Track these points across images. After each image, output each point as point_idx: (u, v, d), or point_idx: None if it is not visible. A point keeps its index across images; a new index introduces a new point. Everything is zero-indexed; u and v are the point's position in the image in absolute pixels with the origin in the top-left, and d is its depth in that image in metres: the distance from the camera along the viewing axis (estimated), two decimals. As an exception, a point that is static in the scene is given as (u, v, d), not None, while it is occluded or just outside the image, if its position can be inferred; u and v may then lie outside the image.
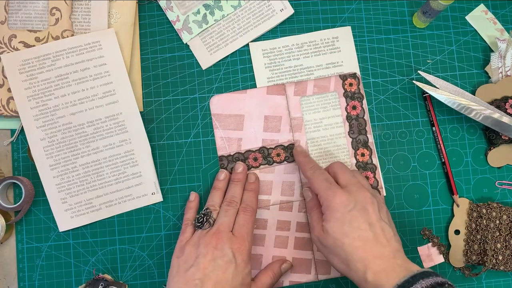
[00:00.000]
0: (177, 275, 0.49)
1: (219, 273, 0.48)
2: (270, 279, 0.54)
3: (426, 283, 0.42)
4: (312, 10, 0.62)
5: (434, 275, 0.44)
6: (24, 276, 0.57)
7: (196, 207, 0.57)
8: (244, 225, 0.52)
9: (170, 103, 0.60)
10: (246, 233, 0.52)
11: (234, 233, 0.52)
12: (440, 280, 0.43)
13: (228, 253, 0.49)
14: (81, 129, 0.58)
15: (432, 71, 0.62)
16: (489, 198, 0.60)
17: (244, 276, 0.50)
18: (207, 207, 0.54)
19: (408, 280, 0.43)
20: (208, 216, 0.53)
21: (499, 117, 0.57)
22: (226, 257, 0.49)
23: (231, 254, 0.49)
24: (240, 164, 0.58)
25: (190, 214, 0.56)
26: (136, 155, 0.58)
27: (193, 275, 0.48)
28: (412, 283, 0.43)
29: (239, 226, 0.52)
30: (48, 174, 0.57)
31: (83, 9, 0.59)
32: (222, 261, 0.49)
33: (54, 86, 0.58)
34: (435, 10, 0.57)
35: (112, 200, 0.58)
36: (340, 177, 0.52)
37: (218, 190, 0.57)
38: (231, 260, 0.49)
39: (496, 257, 0.57)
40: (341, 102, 0.60)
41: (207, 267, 0.48)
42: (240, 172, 0.58)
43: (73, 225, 0.58)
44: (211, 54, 0.61)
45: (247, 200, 0.55)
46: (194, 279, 0.48)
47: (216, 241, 0.50)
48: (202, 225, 0.52)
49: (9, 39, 0.58)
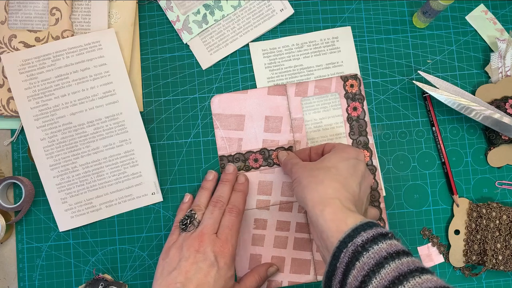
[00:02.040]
0: (161, 278, 0.49)
1: (201, 276, 0.48)
2: (256, 282, 0.54)
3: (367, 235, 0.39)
4: (312, 10, 0.62)
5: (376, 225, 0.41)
6: (24, 276, 0.57)
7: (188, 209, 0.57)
8: (228, 227, 0.52)
9: (170, 103, 0.60)
10: (230, 235, 0.52)
11: (218, 235, 0.51)
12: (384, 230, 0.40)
13: (210, 256, 0.49)
14: (81, 129, 0.58)
15: (432, 71, 0.62)
16: (489, 198, 0.60)
17: (226, 280, 0.50)
18: (192, 208, 0.54)
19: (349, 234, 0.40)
20: (192, 218, 0.53)
21: (499, 117, 0.57)
22: (208, 260, 0.49)
23: (213, 258, 0.49)
24: (231, 166, 0.58)
25: (180, 216, 0.56)
26: (136, 155, 0.58)
27: (175, 278, 0.48)
28: (353, 237, 0.40)
29: (223, 227, 0.52)
30: (48, 174, 0.57)
31: (83, 9, 0.59)
32: (204, 265, 0.49)
33: (54, 86, 0.58)
34: (435, 10, 0.57)
35: (112, 200, 0.58)
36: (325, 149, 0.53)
37: (206, 190, 0.56)
38: (213, 264, 0.49)
39: (496, 257, 0.57)
40: (342, 103, 0.60)
41: (189, 270, 0.48)
42: (230, 173, 0.57)
43: (73, 225, 0.58)
44: (211, 54, 0.61)
45: (234, 200, 0.55)
46: (176, 282, 0.48)
47: (199, 244, 0.50)
48: (186, 227, 0.52)
49: (9, 39, 0.58)
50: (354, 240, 0.39)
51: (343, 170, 0.47)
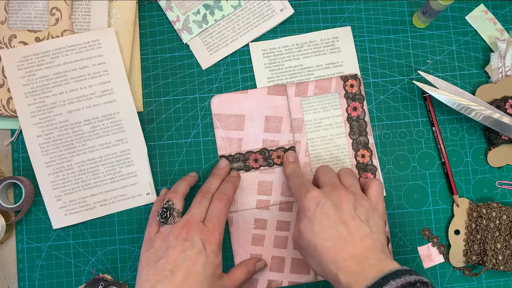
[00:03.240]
0: (147, 267, 0.49)
1: (190, 264, 0.48)
2: (244, 275, 0.54)
3: (396, 284, 0.40)
4: (312, 10, 0.62)
5: (407, 273, 0.41)
6: (24, 276, 0.57)
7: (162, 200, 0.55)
8: (216, 215, 0.52)
9: (170, 103, 0.60)
10: (218, 223, 0.51)
11: (205, 223, 0.51)
12: (413, 279, 0.41)
13: (198, 244, 0.49)
14: (78, 127, 0.58)
15: (432, 71, 0.62)
16: (489, 198, 0.60)
17: (214, 267, 0.49)
18: (169, 198, 0.52)
19: (378, 282, 0.41)
20: (171, 209, 0.51)
21: (499, 117, 0.57)
22: (196, 248, 0.49)
23: (201, 245, 0.49)
24: (223, 160, 0.58)
25: (157, 206, 0.54)
26: (132, 155, 0.58)
27: (163, 266, 0.48)
28: (381, 284, 0.40)
29: (211, 215, 0.51)
30: (43, 172, 0.57)
31: (83, 9, 0.59)
32: (192, 252, 0.48)
33: (52, 84, 0.58)
34: (435, 10, 0.57)
35: (106, 199, 0.58)
36: (320, 178, 0.52)
37: (183, 181, 0.55)
38: (201, 251, 0.49)
39: (496, 257, 0.57)
40: (342, 103, 0.60)
41: (177, 258, 0.48)
42: (221, 167, 0.57)
43: (67, 223, 0.57)
44: (211, 54, 0.61)
45: (224, 189, 0.54)
46: (164, 270, 0.47)
47: (186, 232, 0.49)
48: (166, 220, 0.51)
49: (9, 39, 0.58)
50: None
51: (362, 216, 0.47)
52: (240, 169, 0.59)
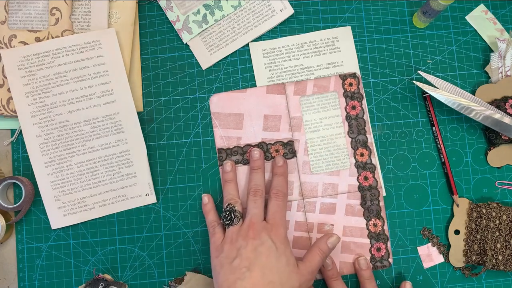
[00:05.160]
0: (222, 270, 0.50)
1: (263, 258, 0.49)
2: (319, 256, 0.53)
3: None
4: (312, 10, 0.62)
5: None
6: (24, 276, 0.57)
7: (214, 208, 0.57)
8: (277, 211, 0.53)
9: (170, 103, 0.60)
10: (280, 218, 0.53)
11: (268, 221, 0.52)
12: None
13: (267, 240, 0.50)
14: (78, 127, 0.58)
15: (432, 71, 0.62)
16: (489, 198, 0.60)
17: (287, 258, 0.50)
18: (228, 202, 0.54)
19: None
20: (233, 211, 0.53)
21: (499, 117, 0.57)
22: (266, 243, 0.50)
23: (270, 240, 0.50)
24: (256, 151, 0.58)
25: (212, 216, 0.56)
26: (132, 156, 0.58)
27: (238, 264, 0.49)
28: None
29: (272, 213, 0.53)
30: (42, 171, 0.57)
31: (83, 9, 0.59)
32: (263, 248, 0.50)
33: (53, 84, 0.58)
34: (435, 10, 0.57)
35: (105, 200, 0.58)
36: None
37: (230, 182, 0.57)
38: (271, 246, 0.50)
39: (496, 257, 0.57)
40: (341, 102, 0.60)
41: (250, 256, 0.49)
42: (257, 159, 0.58)
43: (65, 223, 0.57)
44: (211, 54, 0.61)
45: (278, 185, 0.56)
46: (241, 268, 0.48)
47: (253, 232, 0.51)
48: (231, 221, 0.53)
49: (9, 39, 0.58)
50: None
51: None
52: (239, 162, 0.59)
